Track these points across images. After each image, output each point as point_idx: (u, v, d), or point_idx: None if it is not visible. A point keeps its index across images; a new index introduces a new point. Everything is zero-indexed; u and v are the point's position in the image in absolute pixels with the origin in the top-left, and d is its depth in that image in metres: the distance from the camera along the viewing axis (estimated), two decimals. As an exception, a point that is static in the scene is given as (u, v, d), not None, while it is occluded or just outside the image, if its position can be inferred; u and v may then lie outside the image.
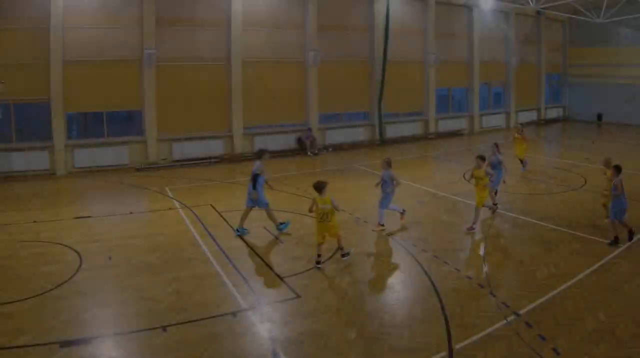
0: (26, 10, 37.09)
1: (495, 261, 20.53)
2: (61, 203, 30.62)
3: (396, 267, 20.52)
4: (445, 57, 56.94)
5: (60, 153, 38.70)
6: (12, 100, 37.15)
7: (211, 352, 14.04)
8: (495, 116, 63.97)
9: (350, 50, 51.46)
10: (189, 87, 43.30)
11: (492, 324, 15.18)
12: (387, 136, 53.22)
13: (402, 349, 14.05)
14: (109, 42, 40.13)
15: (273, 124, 48.49)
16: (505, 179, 29.90)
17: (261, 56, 46.37)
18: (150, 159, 41.54)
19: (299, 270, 19.86)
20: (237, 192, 32.16)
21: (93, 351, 14.17)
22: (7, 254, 21.62)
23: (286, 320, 15.94)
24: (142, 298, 17.42)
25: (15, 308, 16.58)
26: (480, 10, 59.34)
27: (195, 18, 43.26)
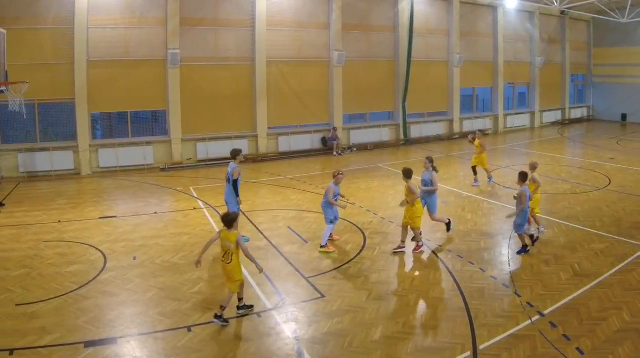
0: (51, 10, 37.34)
1: (519, 261, 20.43)
2: (86, 203, 30.71)
3: (420, 267, 20.42)
4: (469, 57, 56.69)
5: (84, 153, 38.88)
6: (37, 100, 37.31)
7: (236, 352, 14.13)
8: (520, 116, 63.60)
9: (374, 50, 51.39)
10: (213, 87, 43.43)
11: (517, 324, 15.15)
12: (412, 136, 53.13)
13: (426, 349, 14.05)
14: (134, 42, 40.33)
15: (297, 124, 48.47)
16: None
17: (285, 56, 46.45)
18: (174, 159, 41.64)
19: (323, 270, 19.93)
20: (262, 192, 32.41)
21: (117, 351, 14.23)
22: (32, 254, 21.72)
23: (311, 320, 15.93)
24: (167, 298, 17.49)
25: (40, 308, 16.69)
26: (505, 10, 59.18)
27: (219, 18, 43.35)
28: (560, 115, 68.19)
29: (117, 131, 44.96)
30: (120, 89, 40.19)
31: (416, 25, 50.98)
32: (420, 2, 52.10)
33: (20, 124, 37.66)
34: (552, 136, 57.37)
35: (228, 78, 44.22)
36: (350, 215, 26.70)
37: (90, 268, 20.12)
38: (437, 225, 24.86)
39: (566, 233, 23.58)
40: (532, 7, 61.10)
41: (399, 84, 51.94)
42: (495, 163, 40.86)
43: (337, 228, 23.89)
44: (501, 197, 30.45)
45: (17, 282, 18.84)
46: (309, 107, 47.97)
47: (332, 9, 47.43)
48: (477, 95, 61.05)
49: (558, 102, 68.34)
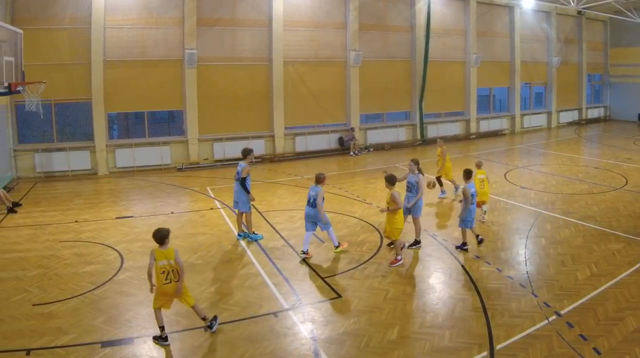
0: (67, 10, 37.53)
1: (536, 261, 20.36)
2: (102, 204, 30.80)
3: (437, 266, 20.35)
4: (486, 56, 56.54)
5: (101, 153, 39.03)
6: (54, 100, 37.45)
7: (252, 352, 14.11)
8: (536, 116, 63.45)
9: (391, 50, 51.36)
10: (230, 87, 43.53)
11: (534, 324, 15.10)
12: (428, 136, 53.02)
13: (443, 349, 14.02)
14: (150, 42, 40.48)
15: (314, 124, 48.52)
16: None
17: (302, 56, 46.53)
18: (191, 159, 41.75)
19: (340, 270, 19.93)
20: (279, 192, 32.38)
21: (134, 351, 14.28)
22: (48, 254, 21.79)
23: (327, 320, 15.93)
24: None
25: (56, 308, 16.76)
26: (522, 10, 59.06)
27: (236, 18, 43.45)
28: (577, 115, 67.95)
29: (133, 131, 45.16)
30: (137, 89, 40.36)
31: (433, 25, 50.99)
32: (437, 2, 52.07)
33: (37, 124, 37.86)
34: (569, 136, 57.23)
35: (245, 78, 44.30)
36: (367, 215, 26.76)
37: (107, 268, 20.17)
38: (454, 224, 24.76)
39: (583, 233, 23.47)
40: (549, 7, 60.92)
41: (416, 84, 51.92)
42: (512, 163, 40.91)
43: (355, 228, 24.13)
44: (517, 196, 30.37)
45: (34, 282, 18.92)
46: (326, 107, 48.03)
47: (348, 9, 47.45)
48: (493, 95, 60.93)
49: (575, 102, 68.10)
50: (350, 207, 28.50)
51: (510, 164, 40.28)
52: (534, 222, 25.27)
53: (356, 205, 29.11)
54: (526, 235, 23.28)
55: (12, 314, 16.29)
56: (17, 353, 14.00)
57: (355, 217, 26.73)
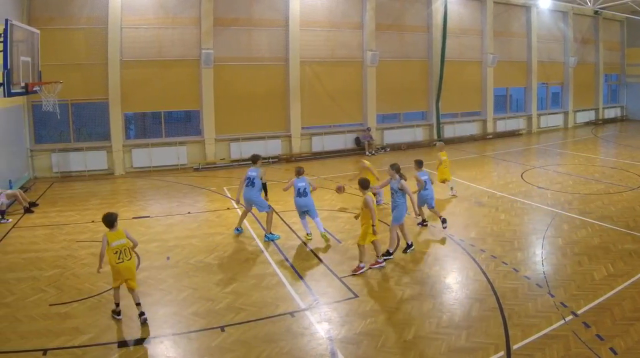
0: (84, 10, 37.78)
1: (553, 261, 20.27)
2: (119, 204, 30.87)
3: (454, 267, 20.32)
4: (503, 56, 56.39)
5: (118, 153, 39.22)
6: (71, 100, 37.62)
7: (269, 352, 14.09)
8: (553, 116, 63.30)
9: (408, 50, 51.38)
10: (246, 87, 43.64)
11: (550, 324, 15.02)
12: (445, 136, 52.94)
13: (460, 349, 13.98)
14: (167, 42, 40.67)
15: (331, 124, 48.58)
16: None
17: (319, 56, 46.63)
18: (208, 159, 41.87)
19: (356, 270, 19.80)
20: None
21: (151, 351, 14.31)
22: (65, 254, 21.86)
23: (344, 320, 15.88)
24: (200, 298, 17.53)
25: (73, 308, 16.81)
26: (539, 10, 58.93)
27: (253, 18, 43.58)
28: (594, 115, 67.77)
29: (150, 131, 45.20)
30: (154, 89, 40.56)
31: (450, 25, 50.90)
32: (454, 2, 52.02)
33: (53, 124, 38.02)
34: (586, 136, 57.09)
35: (261, 78, 44.43)
36: (384, 216, 26.57)
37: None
38: (471, 224, 25.07)
39: (599, 233, 23.35)
40: (566, 7, 60.79)
41: (433, 84, 51.91)
42: (529, 163, 40.88)
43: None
44: (534, 196, 30.28)
45: (51, 282, 19.00)
46: (342, 107, 48.05)
47: (365, 9, 47.47)
48: (510, 95, 60.81)
49: (591, 102, 67.89)
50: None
51: (527, 164, 40.24)
52: (550, 222, 25.18)
53: (371, 206, 28.92)
54: (543, 235, 23.19)
55: (29, 314, 16.34)
56: (34, 353, 14.05)
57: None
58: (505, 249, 21.65)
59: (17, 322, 15.82)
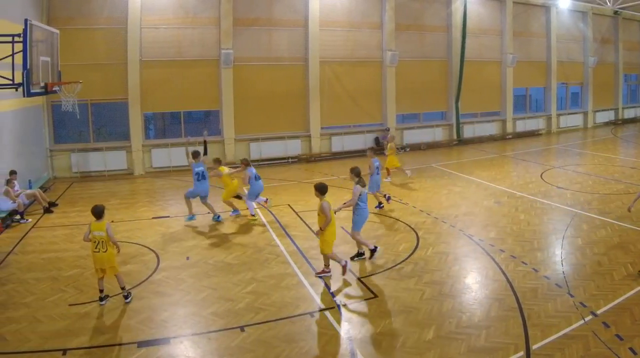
0: (104, 10, 38.07)
1: (572, 261, 20.16)
2: (138, 203, 31.04)
3: (473, 267, 20.26)
4: (522, 56, 56.14)
5: (137, 153, 39.44)
6: (90, 100, 37.80)
7: (289, 352, 14.07)
8: (573, 116, 63.00)
9: (427, 50, 51.26)
10: (266, 87, 43.75)
11: (570, 324, 14.92)
12: (465, 136, 52.97)
13: (479, 349, 13.91)
14: (187, 42, 40.87)
15: (350, 124, 48.49)
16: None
17: (338, 56, 46.65)
18: (227, 159, 41.78)
19: (376, 270, 19.85)
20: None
21: (170, 351, 14.32)
22: (84, 254, 21.82)
23: (363, 320, 15.88)
24: (220, 299, 17.53)
25: (93, 308, 16.89)
26: (558, 10, 58.66)
27: (272, 18, 43.69)
28: (613, 115, 67.35)
29: (169, 131, 45.37)
30: (173, 89, 40.73)
31: (469, 25, 50.91)
32: (474, 2, 51.91)
33: (73, 124, 38.23)
34: (605, 136, 56.85)
35: (281, 78, 44.49)
36: (403, 215, 26.76)
37: (143, 268, 20.29)
38: (491, 224, 25.03)
39: (619, 233, 23.19)
40: (585, 7, 60.53)
41: (452, 83, 51.81)
42: (548, 163, 40.77)
43: (391, 228, 24.63)
44: (553, 196, 30.16)
45: (70, 282, 19.09)
46: (362, 107, 48.09)
47: (385, 8, 47.44)
48: (530, 95, 60.64)
49: (611, 102, 67.47)
50: (386, 207, 28.46)
51: (546, 164, 40.14)
52: (570, 222, 25.04)
53: (392, 205, 29.05)
54: (562, 235, 23.09)
55: (49, 314, 16.40)
56: (53, 353, 14.09)
57: (392, 217, 26.75)
58: (525, 249, 21.54)
59: (36, 322, 15.88)
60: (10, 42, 20.20)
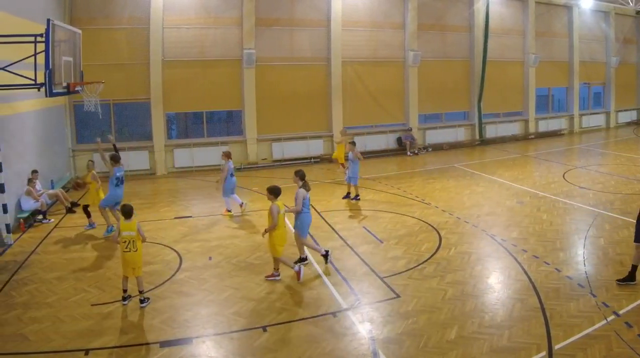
0: (126, 10, 38.25)
1: (595, 261, 20.08)
2: (161, 203, 31.16)
3: (496, 267, 20.20)
4: (545, 56, 55.94)
5: (160, 153, 39.59)
6: (113, 100, 37.96)
7: (311, 352, 14.09)
8: (595, 116, 62.76)
9: (449, 50, 51.19)
10: (288, 87, 43.83)
11: (592, 324, 14.86)
12: (487, 136, 52.86)
13: (502, 349, 13.88)
14: (209, 42, 40.98)
15: (373, 124, 48.47)
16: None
17: (361, 56, 46.64)
18: (250, 159, 42.09)
19: (398, 270, 19.80)
20: (337, 192, 32.38)
21: (193, 351, 14.34)
22: (107, 254, 22.06)
23: (386, 320, 15.83)
24: (242, 299, 17.57)
25: (115, 308, 16.96)
26: (580, 10, 58.39)
27: (294, 18, 43.73)
28: (636, 115, 67.04)
29: (192, 131, 45.42)
30: (196, 89, 40.84)
31: (491, 25, 50.73)
32: (496, 2, 51.75)
33: (95, 124, 38.33)
34: (628, 136, 56.58)
35: (303, 78, 44.56)
36: (425, 215, 26.78)
37: (166, 268, 20.34)
38: (513, 224, 25.05)
39: (641, 233, 23.16)
40: (607, 7, 60.23)
41: (475, 83, 51.67)
42: (571, 163, 40.62)
43: (413, 228, 24.50)
44: (576, 197, 30.05)
45: (93, 282, 19.18)
46: (384, 107, 48.04)
47: (407, 8, 47.38)
48: (552, 95, 60.47)
49: (633, 102, 67.18)
50: (408, 207, 28.50)
51: (568, 164, 40.02)
52: (592, 222, 24.94)
53: (415, 205, 29.06)
54: (585, 235, 23.01)
55: (71, 314, 16.48)
56: (76, 353, 14.15)
57: (414, 217, 26.70)
58: (547, 249, 21.47)
59: (59, 322, 15.95)
60: (32, 42, 20.27)
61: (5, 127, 25.17)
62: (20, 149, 27.58)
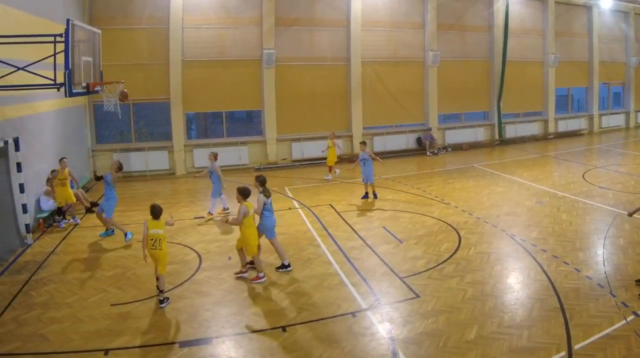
0: (145, 10, 38.47)
1: (615, 261, 19.99)
2: (180, 203, 31.34)
3: (515, 267, 20.15)
4: (564, 56, 55.68)
5: (179, 153, 39.82)
6: (132, 101, 37.91)
7: (330, 352, 14.12)
8: (614, 116, 62.40)
9: (469, 50, 51.12)
10: (308, 87, 43.90)
11: (612, 324, 14.83)
12: (507, 136, 52.74)
13: (521, 349, 13.87)
14: (228, 42, 41.11)
15: (392, 124, 48.42)
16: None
17: (380, 56, 46.66)
18: (269, 159, 42.24)
19: (418, 270, 19.81)
20: (357, 192, 32.27)
21: (212, 351, 14.40)
22: (126, 254, 22.23)
23: (405, 320, 15.84)
24: (262, 299, 17.68)
25: (134, 308, 17.06)
26: (600, 10, 58.12)
27: (314, 18, 43.78)
28: (656, 115, 66.82)
29: (211, 131, 45.51)
30: (215, 89, 41.03)
31: (511, 25, 50.62)
32: (515, 2, 51.59)
33: (115, 124, 38.65)
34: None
35: (323, 78, 44.62)
36: (445, 215, 26.81)
37: (185, 268, 20.43)
38: (533, 224, 25.07)
39: (662, 234, 23.06)
40: (627, 7, 59.94)
41: (494, 83, 51.56)
42: (590, 163, 40.45)
43: (433, 228, 24.54)
44: (595, 197, 29.91)
45: (112, 282, 19.32)
46: (404, 107, 48.02)
47: (427, 9, 47.37)
48: (571, 95, 60.27)
49: (653, 102, 66.91)
50: (428, 207, 28.53)
51: (588, 164, 39.88)
52: (612, 222, 24.80)
53: (434, 205, 29.07)
54: (604, 236, 22.91)
55: (91, 314, 16.59)
56: (95, 353, 14.24)
57: (434, 217, 26.71)
58: (567, 249, 21.41)
59: (79, 322, 16.07)
60: (52, 42, 20.32)
61: (25, 127, 25.28)
62: (40, 149, 27.69)
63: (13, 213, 23.48)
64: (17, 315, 16.54)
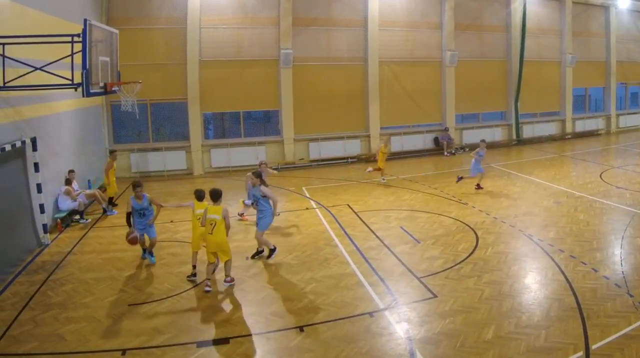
0: (163, 10, 38.54)
1: (632, 261, 19.91)
2: (197, 204, 31.19)
3: (533, 267, 20.07)
4: (581, 56, 55.46)
5: (197, 153, 39.89)
6: (150, 100, 38.16)
7: (348, 352, 14.10)
8: (632, 116, 62.06)
9: (486, 50, 50.97)
10: (325, 87, 43.88)
11: (629, 324, 14.76)
12: (524, 136, 52.63)
13: (539, 349, 13.82)
14: (246, 42, 41.10)
15: (410, 124, 48.39)
16: None
17: (398, 56, 46.62)
18: (287, 159, 42.27)
19: (435, 270, 19.79)
20: (374, 192, 32.56)
21: (230, 351, 14.38)
22: (144, 255, 22.11)
23: (423, 320, 15.81)
24: (280, 299, 17.68)
25: (152, 308, 17.08)
26: (617, 10, 57.86)
27: (331, 18, 43.75)
28: (673, 115, 66.55)
29: (229, 131, 45.57)
30: (232, 89, 41.06)
31: (528, 25, 50.44)
32: (533, 2, 51.43)
33: (132, 124, 38.77)
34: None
35: (340, 78, 44.59)
36: (462, 215, 26.79)
37: (203, 268, 20.26)
38: (550, 223, 25.06)
39: (680, 234, 22.97)
40: (645, 7, 59.84)
41: (511, 83, 51.39)
42: (608, 163, 40.34)
43: (450, 228, 24.59)
44: (613, 197, 29.80)
45: (130, 282, 19.36)
46: (421, 107, 48.02)
47: (444, 8, 47.31)
48: (589, 95, 60.09)
49: (670, 102, 66.64)
50: (446, 207, 28.53)
51: (605, 164, 39.77)
52: (629, 222, 24.72)
53: (452, 205, 29.08)
54: (622, 235, 22.84)
55: (108, 314, 16.64)
56: (113, 353, 14.27)
57: (451, 217, 26.71)
58: (584, 249, 21.34)
59: (96, 322, 16.10)
60: (69, 42, 20.40)
61: (42, 127, 25.35)
62: (58, 149, 27.78)
63: (30, 213, 23.54)
64: (35, 315, 16.56)
